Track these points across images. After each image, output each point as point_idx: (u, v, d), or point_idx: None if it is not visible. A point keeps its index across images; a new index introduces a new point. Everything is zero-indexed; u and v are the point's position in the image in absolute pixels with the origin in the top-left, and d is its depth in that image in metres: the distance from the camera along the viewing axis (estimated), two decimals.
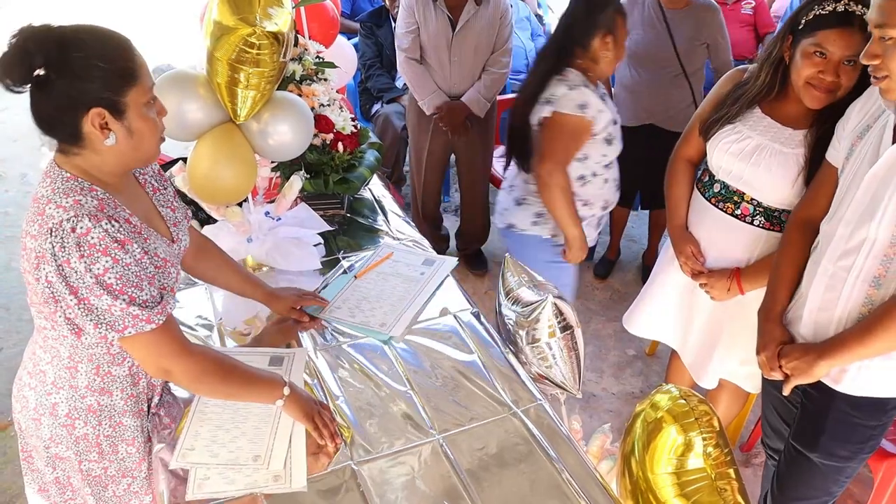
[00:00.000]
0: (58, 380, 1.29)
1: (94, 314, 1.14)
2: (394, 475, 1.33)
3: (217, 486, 1.30)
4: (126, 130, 1.16)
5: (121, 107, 1.14)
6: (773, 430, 1.82)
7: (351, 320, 1.72)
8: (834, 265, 1.43)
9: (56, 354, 1.28)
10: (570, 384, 1.61)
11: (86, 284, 1.12)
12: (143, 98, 1.16)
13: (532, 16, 4.38)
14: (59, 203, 1.12)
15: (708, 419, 1.28)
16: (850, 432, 1.55)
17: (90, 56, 1.10)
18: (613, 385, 2.76)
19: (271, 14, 1.55)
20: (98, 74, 1.10)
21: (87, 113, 1.11)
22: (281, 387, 1.34)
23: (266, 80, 1.58)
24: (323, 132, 2.04)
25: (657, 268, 2.13)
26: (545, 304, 1.57)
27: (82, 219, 1.11)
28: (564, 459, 1.37)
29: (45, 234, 1.11)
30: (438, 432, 1.42)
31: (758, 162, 1.71)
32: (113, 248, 1.12)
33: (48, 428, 1.32)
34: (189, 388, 1.32)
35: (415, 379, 1.56)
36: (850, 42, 1.50)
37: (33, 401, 1.32)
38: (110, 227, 1.13)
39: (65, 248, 1.10)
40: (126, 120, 1.15)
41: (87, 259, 1.11)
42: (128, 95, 1.14)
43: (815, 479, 1.64)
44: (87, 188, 1.16)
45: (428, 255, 2.00)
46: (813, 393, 1.54)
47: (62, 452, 1.34)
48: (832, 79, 1.55)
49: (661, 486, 1.28)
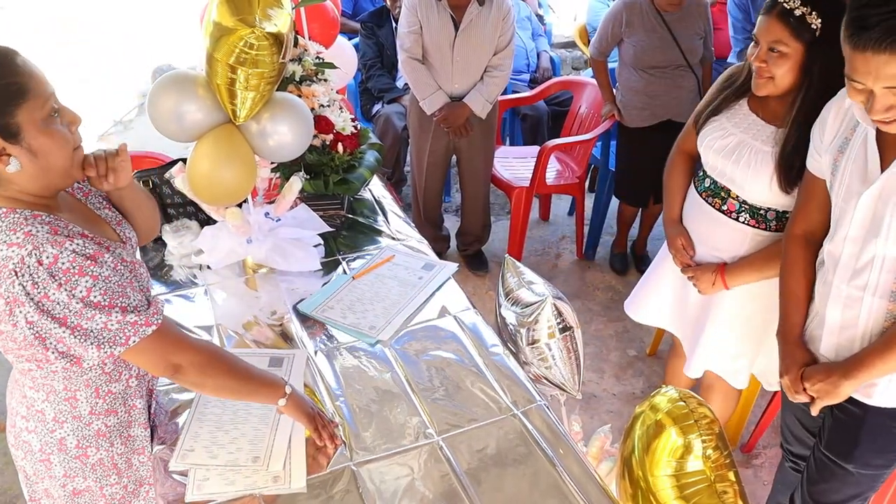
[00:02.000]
0: (59, 415, 1.24)
1: (91, 337, 1.09)
2: (393, 477, 1.33)
3: (216, 487, 1.30)
4: (27, 152, 1.05)
5: (12, 129, 1.02)
6: (795, 438, 1.79)
7: (342, 321, 1.72)
8: (848, 285, 1.41)
9: (51, 390, 1.22)
10: (570, 385, 1.61)
11: (74, 311, 1.06)
12: (38, 113, 1.05)
13: (533, 16, 4.38)
14: (10, 241, 1.04)
15: (707, 422, 1.28)
16: (887, 442, 1.52)
17: None
18: (614, 386, 2.75)
19: (271, 15, 1.54)
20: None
21: None
22: (283, 387, 1.33)
23: (265, 80, 1.57)
24: (323, 133, 2.04)
25: (658, 256, 2.15)
26: (544, 304, 1.57)
27: (44, 248, 1.03)
28: (564, 461, 1.37)
29: (8, 278, 1.03)
30: (438, 434, 1.42)
31: (738, 160, 1.73)
32: (88, 266, 1.06)
33: (60, 465, 1.28)
34: (197, 383, 1.26)
35: (414, 380, 1.55)
36: (770, 29, 1.57)
37: (37, 443, 1.27)
38: (76, 246, 1.06)
39: (37, 283, 1.03)
40: (23, 141, 1.04)
41: (67, 286, 1.05)
42: (17, 115, 1.02)
43: (849, 486, 1.62)
44: (30, 217, 1.06)
45: (429, 259, 1.99)
46: (846, 404, 1.50)
47: (80, 485, 1.30)
48: (758, 64, 1.62)
49: (660, 489, 1.28)
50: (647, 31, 2.86)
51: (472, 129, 3.01)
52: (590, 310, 3.15)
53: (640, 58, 2.90)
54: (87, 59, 5.93)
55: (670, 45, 2.85)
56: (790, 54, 1.57)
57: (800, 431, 1.76)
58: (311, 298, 1.80)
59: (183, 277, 1.89)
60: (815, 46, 1.55)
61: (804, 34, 1.54)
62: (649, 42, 2.87)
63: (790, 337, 1.56)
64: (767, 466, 2.39)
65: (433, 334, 1.70)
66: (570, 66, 5.61)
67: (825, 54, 1.54)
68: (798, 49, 1.56)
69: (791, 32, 1.55)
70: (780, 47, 1.57)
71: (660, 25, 2.84)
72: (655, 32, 2.85)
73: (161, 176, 1.95)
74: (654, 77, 2.92)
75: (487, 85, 2.93)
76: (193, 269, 1.91)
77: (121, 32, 6.62)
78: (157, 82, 1.63)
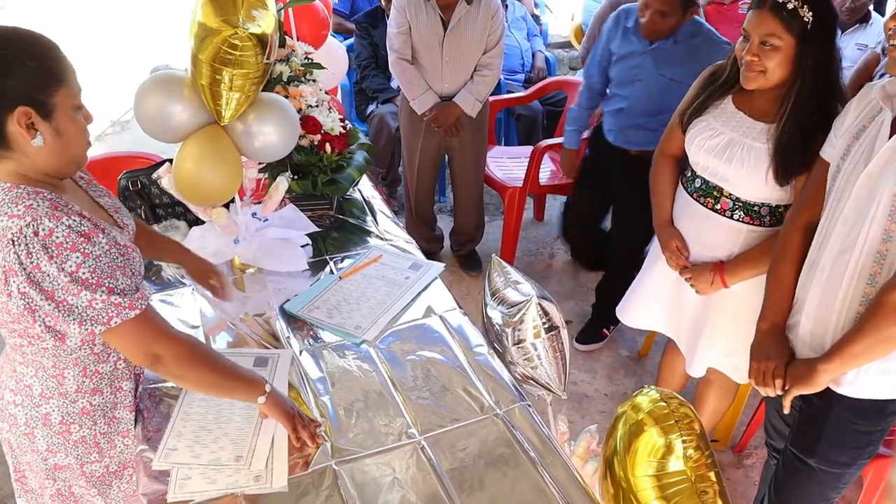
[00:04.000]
0: (45, 390, 1.28)
1: (75, 313, 1.12)
2: (374, 476, 1.33)
3: (198, 486, 1.30)
4: (54, 132, 1.13)
5: (48, 107, 1.11)
6: (777, 432, 1.81)
7: (328, 321, 1.72)
8: (831, 266, 1.42)
9: (39, 366, 1.26)
10: (556, 385, 1.61)
11: (61, 285, 1.10)
12: (71, 101, 1.14)
13: (528, 15, 4.37)
14: (11, 213, 1.10)
15: (688, 422, 1.28)
16: (848, 438, 1.53)
17: (16, 54, 1.07)
18: (606, 386, 2.75)
19: (255, 16, 1.55)
20: (24, 72, 1.07)
21: (12, 112, 1.08)
22: (263, 385, 1.34)
23: (250, 81, 1.57)
24: (310, 133, 2.04)
25: (648, 259, 2.14)
26: (530, 304, 1.56)
27: (42, 221, 1.09)
28: (547, 462, 1.36)
29: (6, 247, 1.09)
30: (420, 433, 1.42)
31: (730, 158, 1.73)
32: (80, 243, 1.11)
33: (43, 439, 1.31)
34: (178, 376, 1.28)
35: (398, 380, 1.55)
36: (762, 22, 1.58)
37: (22, 416, 1.30)
38: (72, 222, 1.11)
39: (31, 253, 1.08)
40: (53, 121, 1.12)
41: (57, 259, 1.09)
42: (55, 96, 1.11)
43: (813, 485, 1.63)
44: (33, 192, 1.13)
45: (416, 259, 1.99)
46: (812, 398, 1.52)
47: (62, 461, 1.33)
48: (749, 58, 1.62)
49: (641, 489, 1.27)
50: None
51: (462, 128, 3.01)
52: (583, 310, 3.14)
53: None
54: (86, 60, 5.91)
55: None
56: (782, 48, 1.58)
57: (781, 426, 1.77)
58: (297, 298, 1.80)
59: (171, 277, 1.89)
60: (807, 39, 1.57)
61: (796, 27, 1.56)
62: None
63: (776, 326, 1.57)
64: (759, 466, 2.39)
65: (419, 334, 1.70)
66: (567, 66, 5.61)
67: (816, 47, 1.57)
68: (790, 42, 1.57)
69: (783, 25, 1.56)
70: (773, 40, 1.58)
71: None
72: None
73: (149, 176, 1.96)
74: None
75: (477, 84, 2.93)
76: (181, 269, 1.91)
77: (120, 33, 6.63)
78: (143, 83, 1.64)
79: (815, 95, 1.60)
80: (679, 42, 2.36)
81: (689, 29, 2.35)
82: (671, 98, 2.09)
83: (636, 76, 2.46)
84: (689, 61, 2.26)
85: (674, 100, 1.98)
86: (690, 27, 2.35)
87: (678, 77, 2.31)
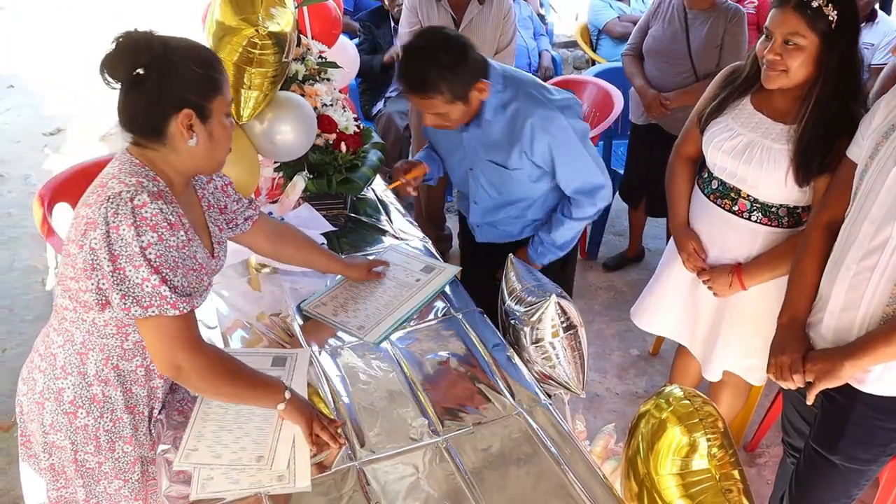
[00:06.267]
0: (67, 365, 1.31)
1: (125, 284, 1.16)
2: (398, 476, 1.33)
3: (221, 485, 1.30)
4: (207, 135, 1.23)
5: (207, 112, 1.22)
6: (795, 429, 1.80)
7: (332, 319, 1.72)
8: (857, 264, 1.41)
9: (69, 338, 1.30)
10: (574, 384, 1.61)
11: (128, 253, 1.15)
12: (224, 109, 1.25)
13: (534, 15, 4.37)
14: (123, 180, 1.19)
15: (712, 420, 1.27)
16: (871, 435, 1.53)
17: (187, 60, 1.18)
18: (617, 385, 2.75)
19: (273, 14, 1.55)
20: (192, 78, 1.19)
21: (177, 113, 1.18)
22: (282, 391, 1.35)
23: (268, 80, 1.58)
24: (326, 132, 2.04)
25: (662, 263, 2.13)
26: (548, 303, 1.56)
27: (141, 193, 1.17)
28: (569, 460, 1.36)
29: (102, 202, 1.16)
30: (442, 433, 1.42)
31: (749, 159, 1.71)
32: (162, 227, 1.17)
33: (50, 414, 1.33)
34: (195, 387, 1.31)
35: (418, 379, 1.55)
36: (785, 21, 1.56)
37: (41, 384, 1.33)
38: (166, 207, 1.18)
39: (118, 213, 1.15)
40: (209, 125, 1.23)
41: (138, 229, 1.15)
42: (213, 102, 1.22)
43: (835, 481, 1.62)
44: (152, 176, 1.22)
45: (430, 262, 1.96)
46: (834, 395, 1.52)
47: (59, 441, 1.35)
48: (772, 57, 1.60)
49: (665, 487, 1.27)
50: (665, 21, 2.85)
51: None
52: (592, 309, 3.14)
53: (650, 44, 2.90)
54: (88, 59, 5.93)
55: (680, 42, 2.80)
56: (806, 46, 1.56)
57: (800, 423, 1.76)
58: (311, 297, 1.80)
59: None
60: (830, 38, 1.55)
61: (820, 26, 1.54)
62: (662, 33, 2.85)
63: (796, 320, 1.56)
64: (771, 465, 2.39)
65: (437, 333, 1.70)
66: (572, 66, 5.61)
67: (840, 46, 1.55)
68: (814, 41, 1.56)
69: (808, 24, 1.54)
70: (797, 39, 1.56)
71: (679, 20, 2.81)
72: (671, 25, 2.83)
73: None
74: (653, 74, 2.91)
75: None
76: None
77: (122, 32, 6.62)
78: None
79: (837, 96, 1.59)
80: (489, 121, 1.83)
81: (495, 102, 1.81)
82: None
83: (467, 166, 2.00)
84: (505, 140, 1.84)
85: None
86: (497, 99, 1.81)
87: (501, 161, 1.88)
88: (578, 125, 1.84)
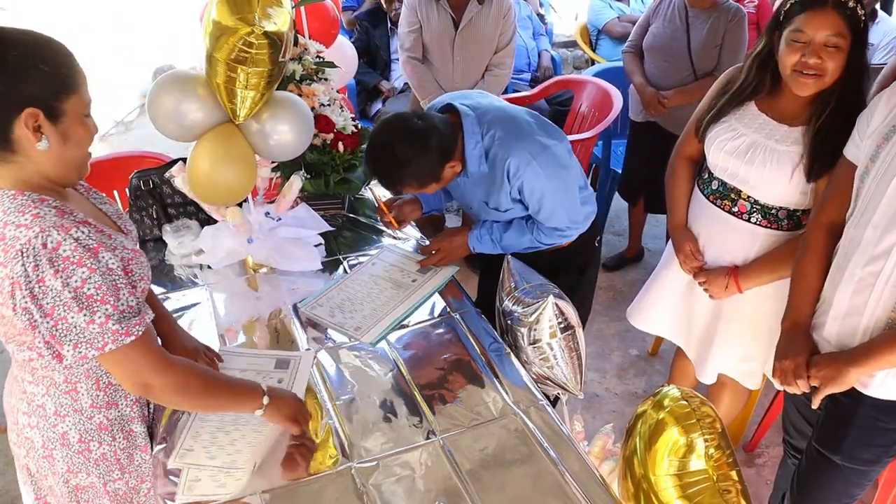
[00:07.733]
0: (60, 408, 1.25)
1: (72, 334, 1.09)
2: (394, 476, 1.32)
3: (207, 489, 1.29)
4: (60, 136, 1.11)
5: (56, 111, 1.09)
6: (797, 430, 1.79)
7: (329, 320, 1.72)
8: (862, 270, 1.40)
9: (51, 383, 1.24)
10: (572, 384, 1.61)
11: (62, 302, 1.08)
12: (83, 108, 1.14)
13: (534, 15, 4.37)
14: (18, 222, 1.08)
15: (710, 420, 1.27)
16: (875, 436, 1.52)
17: (28, 57, 1.05)
18: (616, 385, 2.75)
19: (270, 14, 1.54)
20: (36, 76, 1.06)
21: (19, 114, 1.06)
22: (260, 396, 1.30)
23: (265, 80, 1.57)
24: (323, 132, 2.04)
25: (661, 261, 2.13)
26: (546, 304, 1.56)
27: (50, 232, 1.07)
28: (566, 460, 1.36)
29: (14, 258, 1.06)
30: (439, 433, 1.41)
31: (752, 160, 1.70)
32: (86, 258, 1.09)
33: (63, 460, 1.28)
34: (169, 404, 1.29)
35: (416, 379, 1.55)
36: (826, 22, 1.52)
37: (39, 439, 1.27)
38: (80, 234, 1.09)
39: (38, 266, 1.06)
40: (61, 125, 1.11)
41: (63, 274, 1.07)
42: (66, 102, 1.10)
43: (837, 481, 1.61)
44: (38, 200, 1.11)
45: None
46: (839, 397, 1.50)
47: (83, 481, 1.30)
48: (815, 60, 1.54)
49: (662, 488, 1.27)
50: (667, 20, 2.85)
51: None
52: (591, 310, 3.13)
53: (650, 42, 2.89)
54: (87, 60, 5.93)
55: (680, 40, 2.79)
56: (843, 47, 1.53)
57: (802, 424, 1.76)
58: (309, 297, 1.80)
59: (183, 277, 1.89)
60: (859, 37, 1.54)
61: (855, 25, 1.52)
62: (663, 31, 2.85)
63: (799, 324, 1.55)
64: (770, 466, 2.38)
65: (434, 334, 1.70)
66: (572, 66, 5.61)
67: (864, 45, 1.55)
68: (849, 42, 1.53)
69: (847, 24, 1.51)
70: (837, 40, 1.52)
71: (680, 19, 2.80)
72: (672, 23, 2.82)
73: (161, 175, 1.95)
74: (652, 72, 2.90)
75: (489, 83, 2.92)
76: (194, 269, 1.91)
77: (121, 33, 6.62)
78: (157, 82, 1.63)
79: (855, 94, 1.57)
80: (474, 172, 1.79)
81: (476, 154, 1.76)
82: None
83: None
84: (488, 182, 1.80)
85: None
86: (478, 150, 1.75)
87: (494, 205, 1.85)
88: (559, 150, 1.75)
